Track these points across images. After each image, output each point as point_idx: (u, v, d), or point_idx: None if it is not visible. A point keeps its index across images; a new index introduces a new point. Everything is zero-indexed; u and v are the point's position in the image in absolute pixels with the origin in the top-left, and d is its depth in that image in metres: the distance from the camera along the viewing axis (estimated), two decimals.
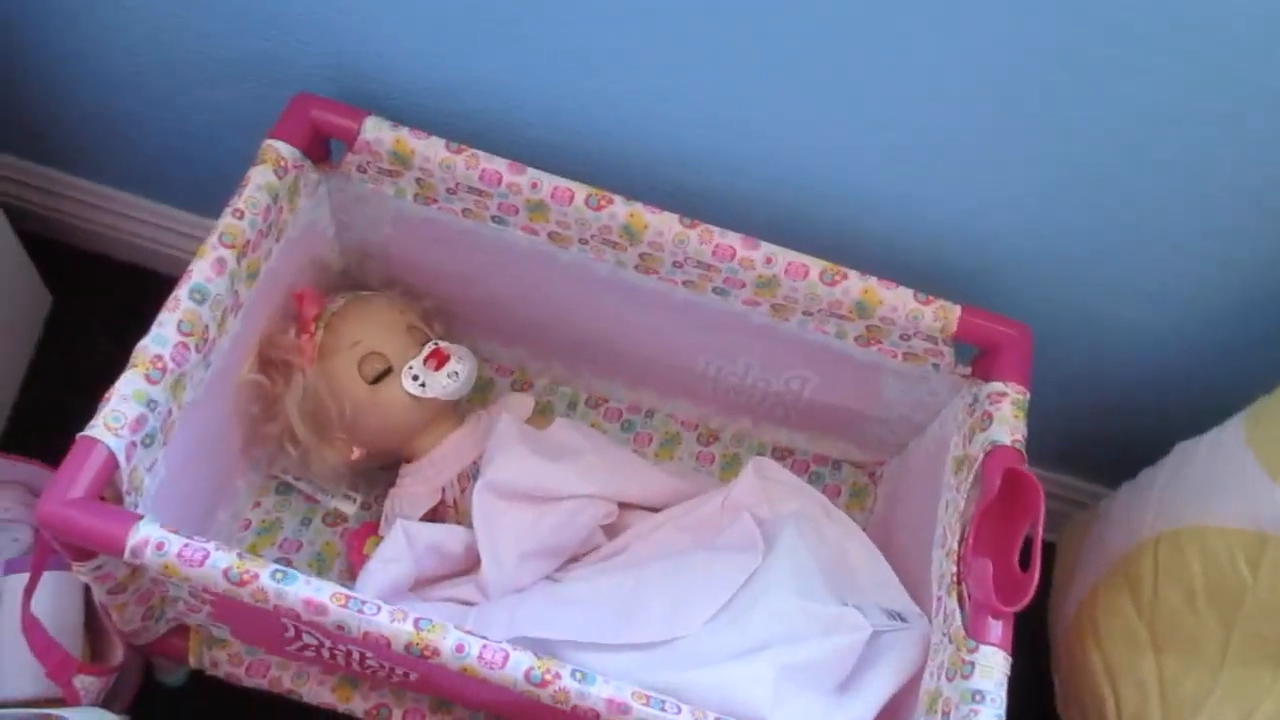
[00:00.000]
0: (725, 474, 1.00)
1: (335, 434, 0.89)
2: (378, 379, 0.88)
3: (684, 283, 0.87)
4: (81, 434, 0.69)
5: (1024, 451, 0.77)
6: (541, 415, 1.00)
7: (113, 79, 0.97)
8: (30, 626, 0.79)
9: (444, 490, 0.90)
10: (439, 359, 0.89)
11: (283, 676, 0.86)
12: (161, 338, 0.73)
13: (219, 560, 0.66)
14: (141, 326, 0.73)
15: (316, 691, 0.86)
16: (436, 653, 0.66)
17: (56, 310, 1.13)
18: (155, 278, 1.16)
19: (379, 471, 0.95)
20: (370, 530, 0.94)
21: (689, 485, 0.93)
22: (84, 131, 1.04)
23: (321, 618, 0.66)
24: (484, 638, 0.67)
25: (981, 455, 0.78)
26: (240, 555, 0.67)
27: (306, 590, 0.66)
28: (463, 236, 0.88)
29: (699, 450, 1.02)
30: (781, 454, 1.01)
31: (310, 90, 0.85)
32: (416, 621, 0.66)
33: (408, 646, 0.66)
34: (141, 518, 0.67)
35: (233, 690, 0.87)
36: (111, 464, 0.69)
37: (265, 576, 0.66)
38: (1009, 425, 0.78)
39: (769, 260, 0.83)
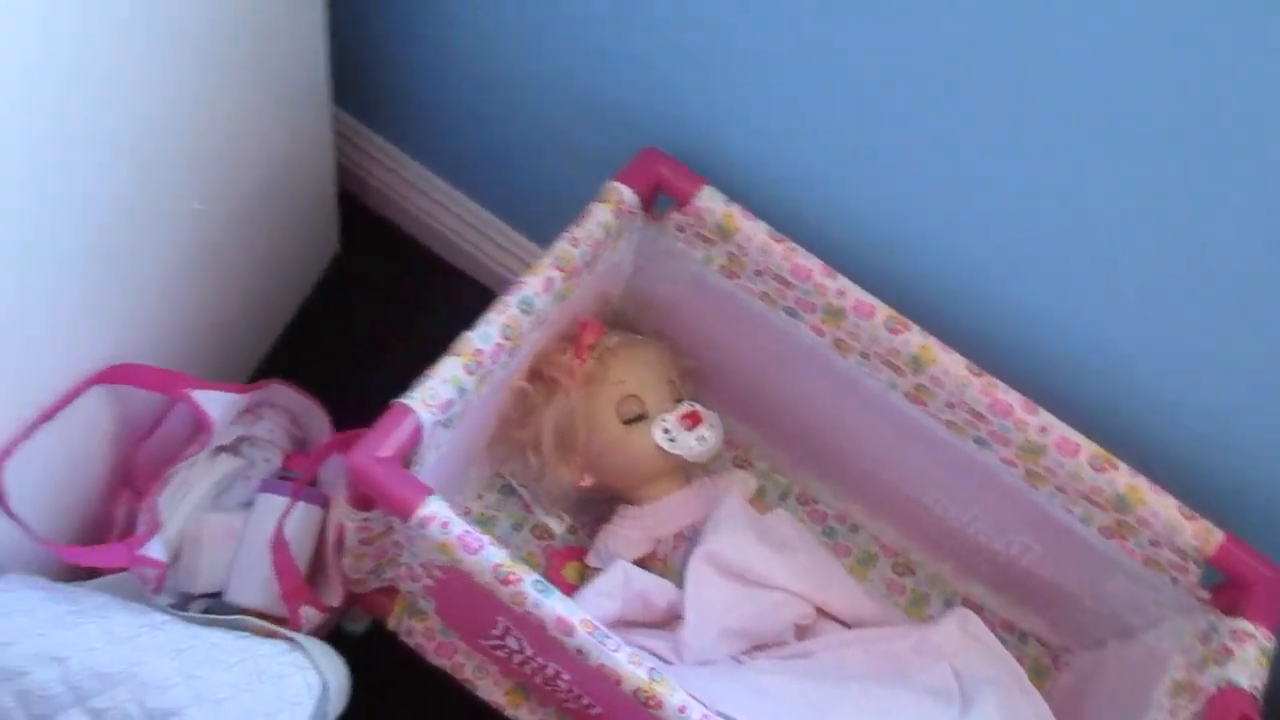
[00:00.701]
0: (912, 610, 1.01)
1: (575, 458, 0.94)
2: (631, 421, 0.93)
3: (947, 423, 0.88)
4: (398, 400, 0.75)
5: (1260, 700, 0.76)
6: (756, 498, 1.03)
7: (478, 79, 1.04)
8: (279, 546, 0.85)
9: (658, 543, 0.94)
10: (694, 420, 0.92)
11: (465, 665, 0.90)
12: (486, 335, 0.79)
13: (492, 555, 0.71)
14: (409, 299, 0.78)
15: (491, 689, 0.90)
16: (660, 705, 0.69)
17: (339, 260, 1.23)
18: (433, 259, 1.24)
19: (596, 503, 0.99)
20: (572, 554, 0.99)
21: (883, 612, 0.94)
22: (423, 110, 1.13)
23: (566, 637, 0.70)
24: (705, 705, 0.69)
25: (1213, 689, 0.77)
26: (510, 555, 0.71)
27: (561, 608, 0.70)
28: (751, 317, 0.92)
29: (891, 578, 1.03)
30: (971, 607, 1.00)
31: (652, 144, 0.91)
32: (650, 671, 0.69)
33: (635, 691, 0.69)
34: (433, 493, 0.73)
35: (409, 657, 0.92)
36: (417, 435, 0.75)
37: (528, 584, 0.71)
38: (1250, 669, 0.77)
39: (1043, 429, 0.84)
